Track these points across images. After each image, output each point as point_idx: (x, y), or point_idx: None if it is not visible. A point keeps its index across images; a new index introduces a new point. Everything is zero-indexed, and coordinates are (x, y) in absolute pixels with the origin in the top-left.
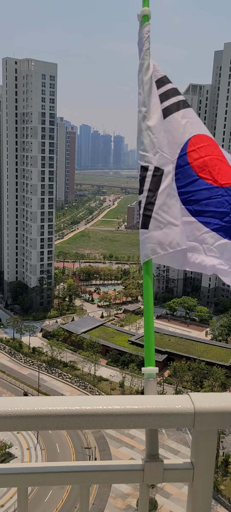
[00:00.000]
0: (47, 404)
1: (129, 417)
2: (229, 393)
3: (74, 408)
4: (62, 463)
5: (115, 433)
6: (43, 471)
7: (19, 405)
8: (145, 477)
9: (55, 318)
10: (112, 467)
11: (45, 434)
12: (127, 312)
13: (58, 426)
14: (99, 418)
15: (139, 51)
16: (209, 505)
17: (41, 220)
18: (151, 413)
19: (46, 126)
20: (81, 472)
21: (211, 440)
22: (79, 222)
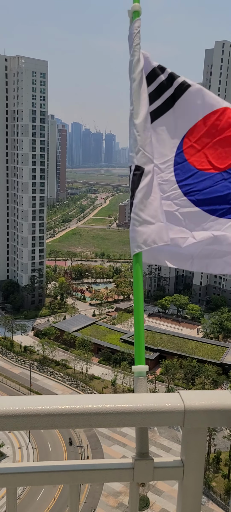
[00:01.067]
0: (36, 404)
1: (118, 415)
2: (218, 391)
3: (64, 407)
4: (52, 462)
5: (107, 431)
6: (32, 471)
7: (8, 404)
8: (135, 475)
9: (46, 316)
10: (102, 466)
11: (37, 433)
12: (119, 310)
13: (47, 426)
14: (89, 417)
15: (129, 47)
16: (199, 502)
17: (33, 219)
18: (140, 411)
19: (37, 123)
20: (71, 471)
21: (201, 438)
22: (71, 221)
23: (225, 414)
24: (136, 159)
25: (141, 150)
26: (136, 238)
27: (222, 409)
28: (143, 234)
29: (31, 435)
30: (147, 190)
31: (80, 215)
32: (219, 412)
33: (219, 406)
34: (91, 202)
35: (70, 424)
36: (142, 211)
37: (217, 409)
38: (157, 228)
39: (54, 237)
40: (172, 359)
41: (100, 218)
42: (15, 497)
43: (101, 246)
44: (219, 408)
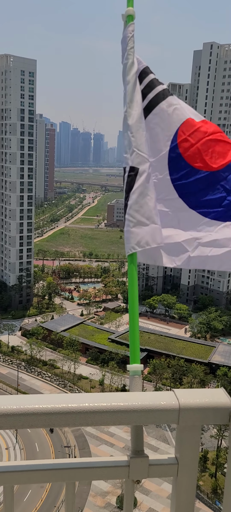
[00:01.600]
0: (33, 402)
1: (114, 413)
2: (212, 389)
3: (61, 406)
4: (48, 460)
5: (95, 431)
6: (29, 469)
7: (5, 403)
8: (130, 473)
9: (34, 316)
10: (98, 463)
11: (24, 433)
12: (107, 310)
13: (45, 424)
14: (85, 415)
15: (123, 50)
16: (193, 499)
17: (20, 218)
18: (136, 409)
19: (25, 122)
20: (67, 469)
21: (195, 436)
22: (59, 220)
23: (218, 412)
24: (130, 160)
25: (135, 151)
26: (130, 239)
27: (216, 407)
28: (137, 235)
29: (18, 435)
30: (142, 190)
31: (68, 214)
32: (212, 409)
33: (213, 404)
34: (79, 201)
35: (67, 423)
36: (137, 212)
37: (211, 407)
38: (150, 229)
39: (42, 236)
40: (159, 358)
41: (88, 218)
42: (12, 495)
43: (89, 245)
44: (213, 406)
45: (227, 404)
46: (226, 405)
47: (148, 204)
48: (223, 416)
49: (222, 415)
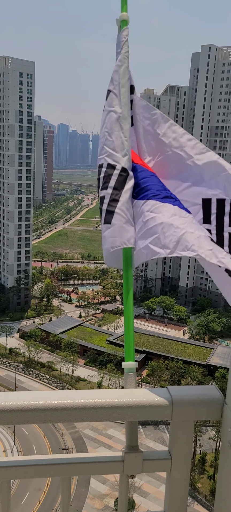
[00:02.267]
0: (30, 399)
1: (109, 409)
2: (204, 386)
3: (57, 402)
4: (44, 456)
5: (93, 433)
6: (25, 464)
7: (2, 399)
8: (125, 467)
9: (32, 318)
10: (93, 458)
11: (22, 435)
12: (105, 312)
13: (41, 420)
14: (81, 411)
15: (117, 54)
16: (186, 493)
17: (19, 220)
18: (130, 405)
19: (23, 124)
20: (63, 464)
21: (188, 431)
22: (57, 222)
23: (211, 408)
24: (122, 161)
25: (128, 155)
26: (122, 234)
27: (208, 402)
28: (127, 232)
29: (16, 437)
30: (130, 194)
31: (66, 216)
32: (205, 405)
33: (205, 399)
34: (78, 203)
35: (63, 418)
36: (128, 211)
37: (203, 402)
38: (133, 230)
39: (40, 238)
40: (158, 360)
41: (87, 219)
42: (8, 490)
43: (87, 247)
44: (205, 402)
45: (219, 400)
46: (218, 400)
47: (130, 208)
48: (216, 412)
49: (215, 410)
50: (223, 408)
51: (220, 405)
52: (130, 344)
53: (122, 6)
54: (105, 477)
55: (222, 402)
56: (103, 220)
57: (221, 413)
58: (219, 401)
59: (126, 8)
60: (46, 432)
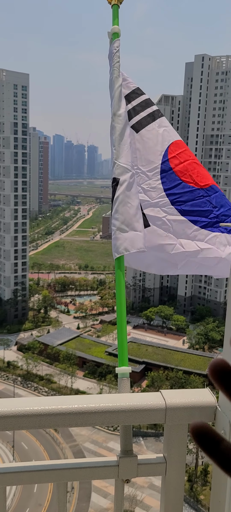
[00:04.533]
0: (25, 405)
1: (103, 414)
2: (198, 389)
3: (51, 408)
4: (40, 462)
5: (93, 446)
6: (20, 470)
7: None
8: (120, 472)
9: (30, 330)
10: (88, 464)
11: (22, 450)
12: (104, 322)
13: (35, 426)
14: (75, 416)
15: (109, 65)
16: (181, 496)
17: (15, 231)
18: (124, 410)
19: (18, 136)
20: (58, 470)
21: (182, 434)
22: (54, 233)
23: (204, 411)
24: (112, 172)
25: (116, 163)
26: (113, 246)
27: (201, 405)
28: (117, 240)
29: (15, 452)
30: (122, 198)
31: (63, 227)
32: (198, 408)
33: (198, 403)
34: (74, 213)
35: (57, 424)
36: (117, 220)
37: (197, 406)
38: (130, 236)
39: (37, 249)
40: (158, 371)
41: (83, 230)
42: (4, 497)
43: (85, 258)
44: (198, 405)
45: (212, 403)
46: (211, 403)
47: (129, 211)
48: (209, 415)
49: (208, 413)
50: (216, 412)
51: (213, 408)
52: (123, 349)
53: (113, 19)
54: (106, 491)
55: (215, 406)
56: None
57: (214, 416)
58: (212, 404)
59: (117, 21)
60: (46, 446)
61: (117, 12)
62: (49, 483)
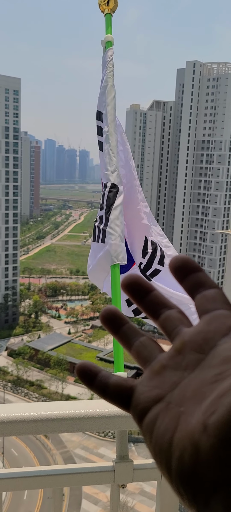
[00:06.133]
0: (21, 410)
1: (100, 419)
2: None
3: (47, 413)
4: (35, 467)
5: (84, 452)
6: (15, 476)
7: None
8: (115, 477)
9: (21, 335)
10: (84, 469)
11: (12, 457)
12: (95, 327)
13: (32, 431)
14: (71, 421)
15: (102, 74)
16: (177, 502)
17: (6, 236)
18: (120, 415)
19: (10, 140)
20: (54, 475)
21: None
22: (45, 237)
23: None
24: (112, 177)
25: (117, 171)
26: (111, 252)
27: None
28: (118, 247)
29: (5, 459)
30: (121, 209)
31: (54, 231)
32: None
33: None
34: (65, 218)
35: (54, 429)
36: (118, 227)
37: None
38: (123, 246)
39: (28, 254)
40: None
41: (75, 235)
42: (0, 503)
43: (76, 262)
44: None
45: None
46: None
47: (123, 224)
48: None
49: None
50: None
51: None
52: (119, 354)
53: (107, 28)
54: (97, 498)
55: None
56: (101, 239)
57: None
58: None
59: (110, 30)
60: (36, 452)
61: (110, 21)
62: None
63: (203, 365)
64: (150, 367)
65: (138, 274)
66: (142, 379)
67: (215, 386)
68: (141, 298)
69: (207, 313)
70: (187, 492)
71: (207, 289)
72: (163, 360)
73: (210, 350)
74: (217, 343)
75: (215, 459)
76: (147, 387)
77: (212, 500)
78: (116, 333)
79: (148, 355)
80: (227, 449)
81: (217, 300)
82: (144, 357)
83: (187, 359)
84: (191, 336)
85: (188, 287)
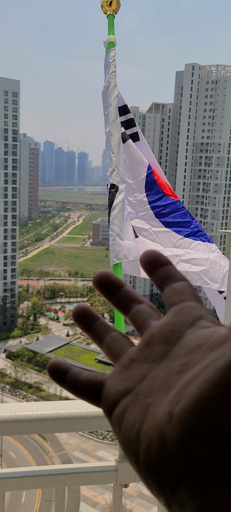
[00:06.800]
0: (24, 410)
1: (102, 419)
2: None
3: (50, 413)
4: (38, 467)
5: (82, 455)
6: (19, 475)
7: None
8: (118, 477)
9: (19, 337)
10: (87, 469)
11: (10, 459)
12: None
13: (35, 430)
14: (74, 421)
15: (105, 75)
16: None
17: (4, 238)
18: None
19: (8, 142)
20: (57, 475)
21: None
22: (44, 239)
23: None
24: (111, 178)
25: (116, 170)
26: (112, 252)
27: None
28: (117, 247)
29: (3, 461)
30: (121, 206)
31: (53, 233)
32: None
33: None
34: (64, 220)
35: (57, 428)
36: (117, 226)
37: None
38: (126, 244)
39: (26, 256)
40: None
41: (73, 237)
42: (3, 503)
43: (74, 264)
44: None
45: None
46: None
47: (122, 221)
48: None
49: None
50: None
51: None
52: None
53: (109, 29)
54: (95, 500)
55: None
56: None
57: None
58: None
59: (113, 31)
60: (34, 454)
61: (112, 22)
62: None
63: (170, 356)
64: (119, 361)
65: (109, 271)
66: (112, 373)
67: (181, 376)
68: (111, 294)
69: (175, 305)
70: (154, 482)
71: (175, 282)
72: (132, 354)
73: (177, 341)
74: (183, 334)
75: (180, 448)
76: (116, 380)
77: (178, 489)
78: (87, 330)
79: (118, 349)
80: (192, 437)
81: (184, 292)
82: (114, 351)
83: (155, 351)
84: (159, 328)
85: (157, 280)
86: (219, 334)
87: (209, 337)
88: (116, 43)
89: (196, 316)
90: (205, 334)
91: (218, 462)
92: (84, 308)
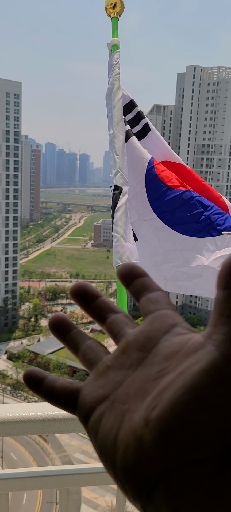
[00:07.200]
0: (28, 410)
1: None
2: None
3: (55, 413)
4: (42, 468)
5: (83, 456)
6: (23, 476)
7: (1, 412)
8: None
9: (20, 339)
10: (90, 470)
11: (10, 460)
12: (94, 331)
13: (39, 431)
14: (78, 421)
15: (109, 77)
16: None
17: (6, 239)
18: None
19: (10, 144)
20: (61, 475)
21: None
22: (45, 241)
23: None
24: (115, 180)
25: (120, 172)
26: (115, 254)
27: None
28: (121, 248)
29: (4, 463)
30: (124, 209)
31: (54, 235)
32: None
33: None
34: (65, 221)
35: (61, 429)
36: (120, 228)
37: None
38: (129, 246)
39: (28, 257)
40: None
41: (75, 238)
42: (7, 504)
43: (76, 266)
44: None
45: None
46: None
47: (126, 223)
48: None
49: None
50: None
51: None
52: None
53: (113, 31)
54: (96, 502)
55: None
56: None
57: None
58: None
59: (116, 33)
60: (35, 456)
61: (116, 24)
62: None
63: (145, 363)
64: (95, 369)
65: (86, 282)
66: (87, 380)
67: (157, 382)
68: (88, 304)
69: (150, 313)
70: (131, 488)
71: (151, 292)
72: (108, 361)
73: (152, 348)
74: (159, 341)
75: (156, 452)
76: (92, 387)
77: (154, 494)
78: (63, 339)
79: (94, 357)
80: (168, 442)
81: (160, 301)
82: (90, 359)
83: (131, 358)
84: (134, 336)
85: (134, 291)
86: (194, 341)
87: (184, 343)
88: (119, 45)
89: (171, 323)
90: (181, 341)
91: (193, 465)
92: (60, 318)
